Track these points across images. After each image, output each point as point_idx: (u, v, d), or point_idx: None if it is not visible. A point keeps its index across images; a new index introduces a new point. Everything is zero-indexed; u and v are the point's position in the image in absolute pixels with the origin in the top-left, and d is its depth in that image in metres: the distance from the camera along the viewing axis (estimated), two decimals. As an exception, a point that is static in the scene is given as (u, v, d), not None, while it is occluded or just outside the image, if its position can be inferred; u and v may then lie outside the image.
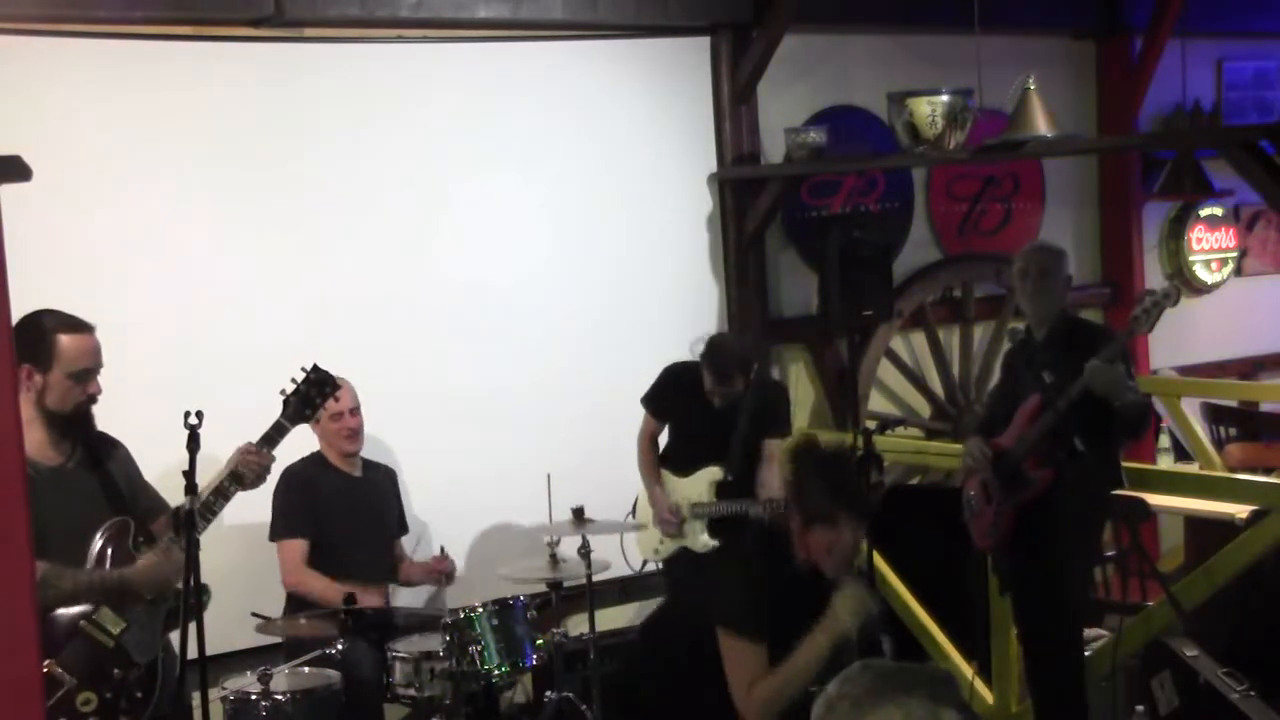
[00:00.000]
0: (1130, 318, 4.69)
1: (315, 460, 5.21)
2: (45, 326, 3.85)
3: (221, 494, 3.98)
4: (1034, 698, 5.03)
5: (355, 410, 5.20)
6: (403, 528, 5.45)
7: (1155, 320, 4.63)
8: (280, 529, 5.13)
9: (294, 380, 4.14)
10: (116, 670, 3.86)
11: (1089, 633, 5.14)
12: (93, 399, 3.93)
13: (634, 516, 5.69)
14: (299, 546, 5.11)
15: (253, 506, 4.69)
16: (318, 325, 5.48)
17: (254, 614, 4.74)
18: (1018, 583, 4.95)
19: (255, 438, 4.07)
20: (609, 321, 6.13)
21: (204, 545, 3.84)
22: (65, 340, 3.85)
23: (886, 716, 1.86)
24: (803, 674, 3.49)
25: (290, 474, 5.11)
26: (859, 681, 1.93)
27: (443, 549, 5.39)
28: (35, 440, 3.85)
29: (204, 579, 3.81)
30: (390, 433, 5.55)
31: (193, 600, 3.74)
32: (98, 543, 3.89)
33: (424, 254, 5.78)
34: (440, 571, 5.31)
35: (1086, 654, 5.00)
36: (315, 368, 4.17)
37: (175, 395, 4.19)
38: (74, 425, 3.92)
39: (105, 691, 3.83)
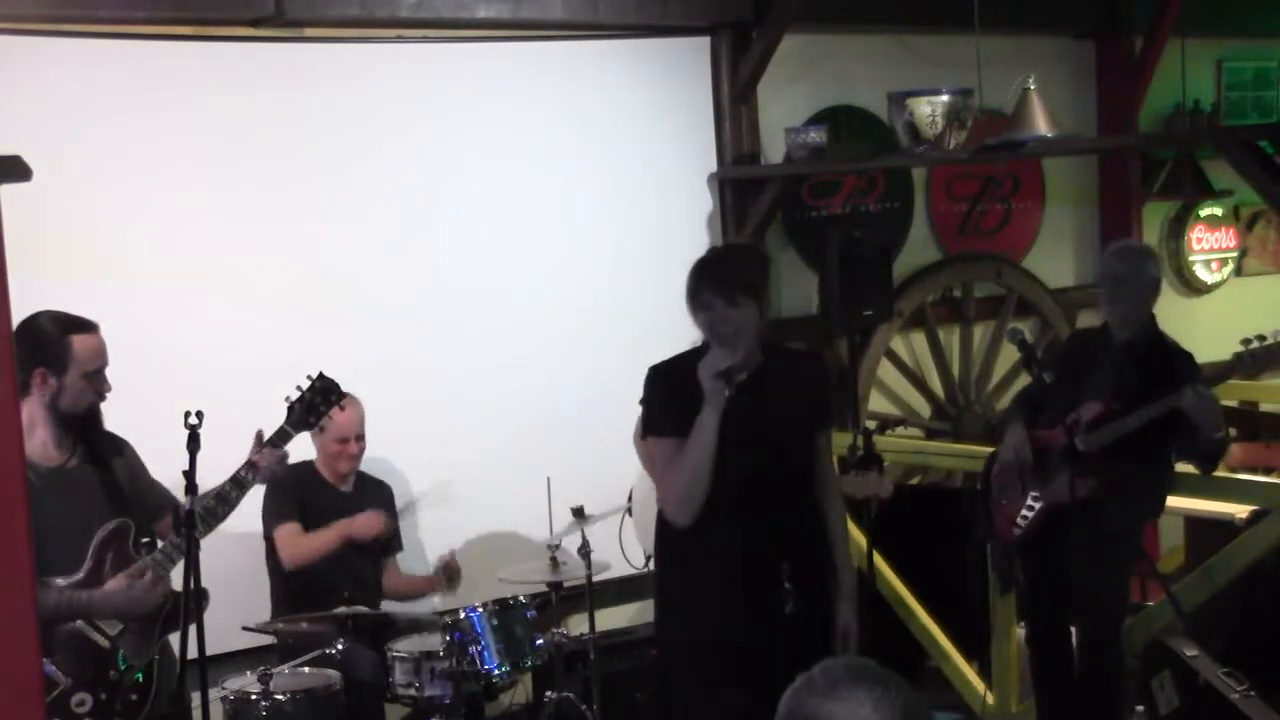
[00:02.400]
0: (1234, 355, 4.46)
1: (304, 470, 5.13)
2: (56, 329, 3.87)
3: (223, 499, 3.98)
4: (1041, 697, 5.02)
5: (360, 437, 5.17)
6: (393, 546, 5.38)
7: (1261, 368, 4.45)
8: (272, 520, 5.08)
9: (299, 387, 4.14)
10: (112, 672, 3.86)
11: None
12: (102, 396, 3.95)
13: (630, 501, 5.68)
14: (293, 528, 5.07)
15: (251, 507, 4.69)
16: (316, 324, 5.48)
17: (245, 628, 4.73)
18: (1041, 580, 4.88)
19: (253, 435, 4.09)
20: (608, 321, 6.13)
21: (203, 546, 3.85)
22: (79, 341, 3.88)
23: (856, 699, 1.95)
24: (694, 449, 3.67)
25: (278, 474, 5.07)
26: (846, 666, 2.03)
27: (452, 553, 5.36)
28: (38, 441, 3.86)
29: (203, 578, 3.82)
30: (389, 433, 5.53)
31: (193, 604, 3.75)
32: (96, 545, 3.89)
33: (423, 254, 5.77)
34: (450, 567, 5.27)
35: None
36: (321, 375, 4.16)
37: (175, 395, 4.18)
38: (83, 424, 3.94)
39: (100, 693, 3.83)
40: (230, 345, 5.33)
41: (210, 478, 4.03)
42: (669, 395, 3.81)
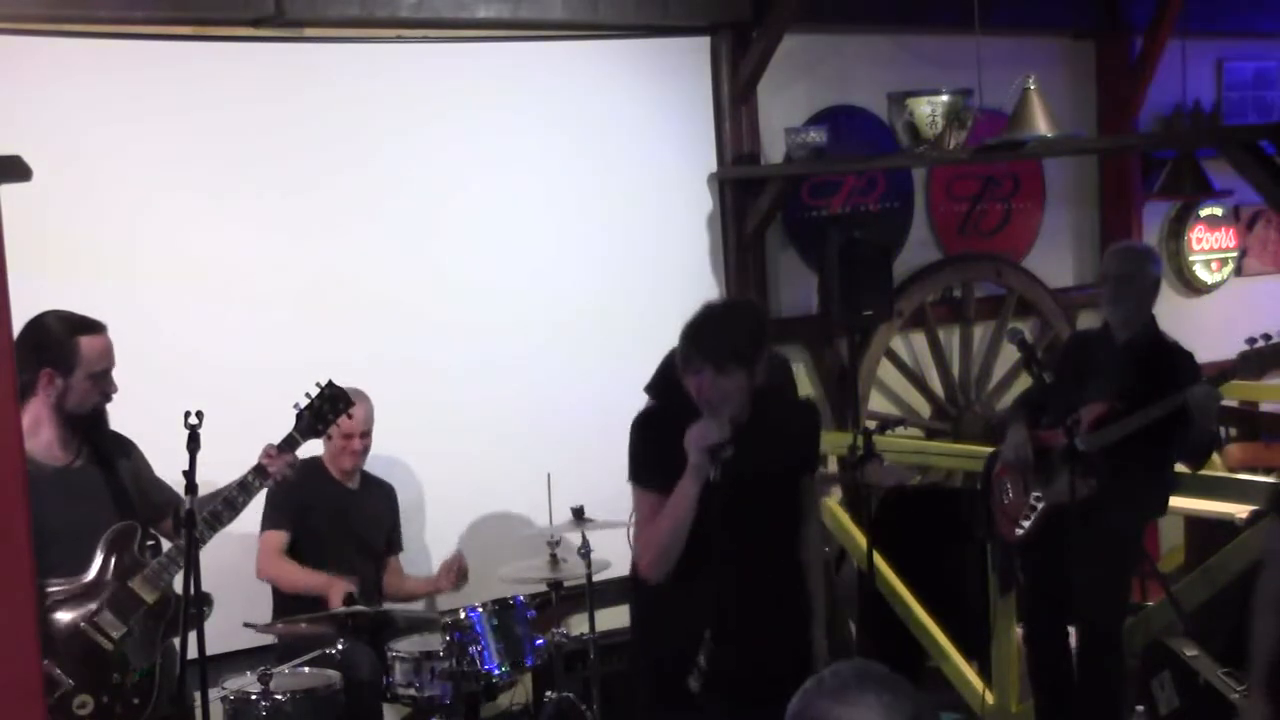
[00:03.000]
0: (1240, 354, 4.45)
1: (311, 466, 5.10)
2: (64, 330, 3.87)
3: (229, 504, 3.98)
4: (1039, 697, 5.02)
5: (366, 434, 5.15)
6: (394, 546, 5.39)
7: (1267, 367, 4.41)
8: (264, 522, 5.07)
9: (308, 394, 4.14)
10: (115, 675, 3.86)
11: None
12: (108, 397, 3.95)
13: None
14: (277, 538, 5.05)
15: (252, 508, 4.68)
16: (316, 324, 5.48)
17: (246, 624, 4.73)
18: (1040, 580, 4.88)
19: (256, 440, 4.08)
20: (608, 321, 6.13)
21: (205, 546, 3.85)
22: (85, 342, 3.88)
23: (866, 703, 1.95)
24: (672, 514, 3.64)
25: (287, 476, 5.07)
26: (853, 668, 2.02)
27: (459, 554, 5.36)
28: (44, 440, 3.87)
29: (204, 578, 3.81)
30: (390, 433, 5.53)
31: (193, 610, 3.75)
32: (101, 548, 3.89)
33: (423, 254, 5.77)
34: (459, 568, 5.27)
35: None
36: (330, 383, 4.16)
37: (176, 395, 4.18)
38: (88, 424, 3.94)
39: (102, 695, 3.83)
40: (231, 345, 5.33)
41: (211, 478, 4.03)
42: (653, 447, 3.76)
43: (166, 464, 4.12)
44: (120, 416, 4.10)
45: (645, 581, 3.77)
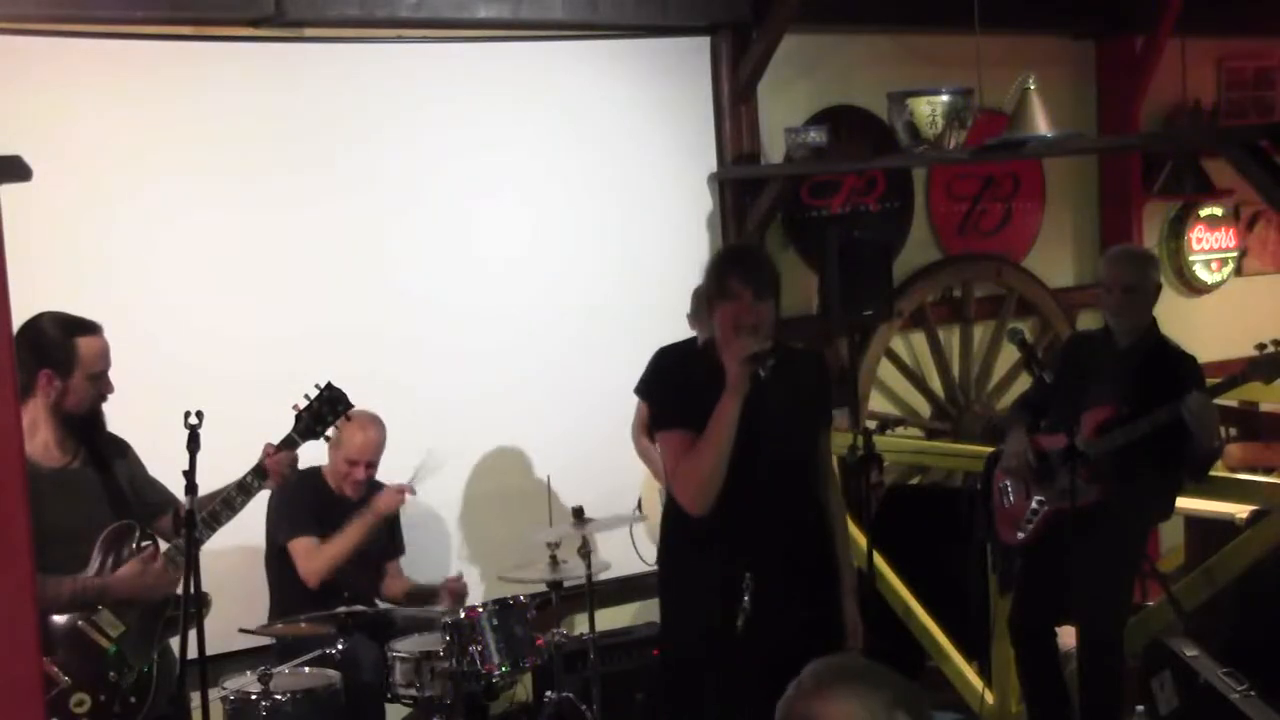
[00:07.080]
0: (1250, 361, 4.48)
1: (312, 476, 5.09)
2: (62, 331, 3.87)
3: (229, 505, 3.98)
4: (1030, 696, 5.03)
5: (371, 465, 5.13)
6: (396, 549, 5.38)
7: (1277, 373, 4.42)
8: (287, 532, 5.05)
9: (307, 396, 4.13)
10: (112, 673, 3.86)
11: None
12: (104, 397, 3.96)
13: (640, 510, 5.69)
14: (308, 543, 5.04)
15: (253, 507, 4.68)
16: (316, 324, 5.48)
17: (243, 630, 4.73)
18: (1036, 582, 4.89)
19: (255, 441, 4.08)
20: (609, 322, 6.13)
21: (204, 548, 3.85)
22: (84, 343, 3.88)
23: (844, 701, 1.95)
24: (714, 438, 3.69)
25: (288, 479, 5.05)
26: (832, 666, 2.03)
27: (460, 575, 5.36)
28: (41, 442, 3.86)
29: (204, 579, 3.81)
30: (390, 434, 5.53)
31: (193, 609, 3.74)
32: (99, 547, 3.89)
33: (423, 254, 5.77)
34: (454, 591, 5.25)
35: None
36: (329, 385, 4.15)
37: (174, 396, 4.18)
38: (86, 425, 3.94)
39: (99, 694, 3.83)
40: (231, 346, 5.33)
41: (210, 479, 4.03)
42: (677, 388, 3.84)
43: (166, 465, 4.12)
44: (120, 417, 4.10)
45: (688, 514, 3.76)
